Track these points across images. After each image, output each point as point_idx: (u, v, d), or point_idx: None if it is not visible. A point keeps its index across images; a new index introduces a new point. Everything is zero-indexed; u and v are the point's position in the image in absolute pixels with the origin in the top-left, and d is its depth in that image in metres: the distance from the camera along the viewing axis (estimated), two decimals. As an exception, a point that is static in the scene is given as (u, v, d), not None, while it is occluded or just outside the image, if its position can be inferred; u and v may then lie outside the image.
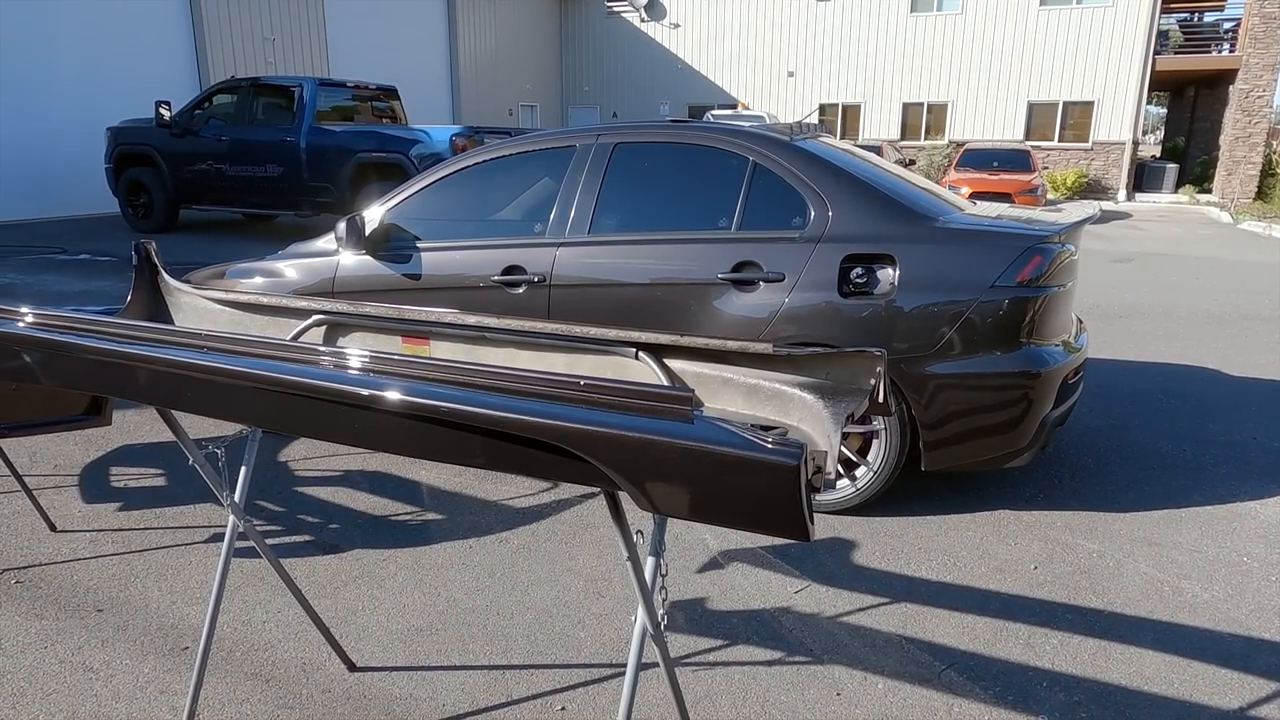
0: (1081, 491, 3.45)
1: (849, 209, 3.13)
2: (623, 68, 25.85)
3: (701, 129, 3.44)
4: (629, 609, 2.57)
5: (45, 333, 1.66)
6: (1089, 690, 2.20)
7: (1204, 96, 23.58)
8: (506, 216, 3.68)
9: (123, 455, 3.79)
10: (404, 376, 1.36)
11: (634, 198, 3.43)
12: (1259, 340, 6.18)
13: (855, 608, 2.58)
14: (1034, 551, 2.94)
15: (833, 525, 3.12)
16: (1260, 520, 3.21)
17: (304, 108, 10.41)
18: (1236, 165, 19.72)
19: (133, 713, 2.09)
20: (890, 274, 3.04)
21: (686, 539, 3.02)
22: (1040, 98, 21.57)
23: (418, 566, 2.81)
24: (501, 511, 3.24)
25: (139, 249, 3.15)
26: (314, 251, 3.91)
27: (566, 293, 3.41)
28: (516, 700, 2.15)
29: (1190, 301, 7.71)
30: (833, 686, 2.21)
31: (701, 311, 3.22)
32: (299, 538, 3.01)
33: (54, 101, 13.13)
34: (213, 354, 1.50)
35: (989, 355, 2.97)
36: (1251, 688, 2.21)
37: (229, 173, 10.81)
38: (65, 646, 2.36)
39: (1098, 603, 2.62)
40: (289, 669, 2.27)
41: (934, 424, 3.03)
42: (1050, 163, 21.63)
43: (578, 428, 1.20)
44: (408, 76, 20.09)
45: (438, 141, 9.76)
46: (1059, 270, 3.07)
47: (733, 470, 1.15)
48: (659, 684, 2.21)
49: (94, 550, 2.90)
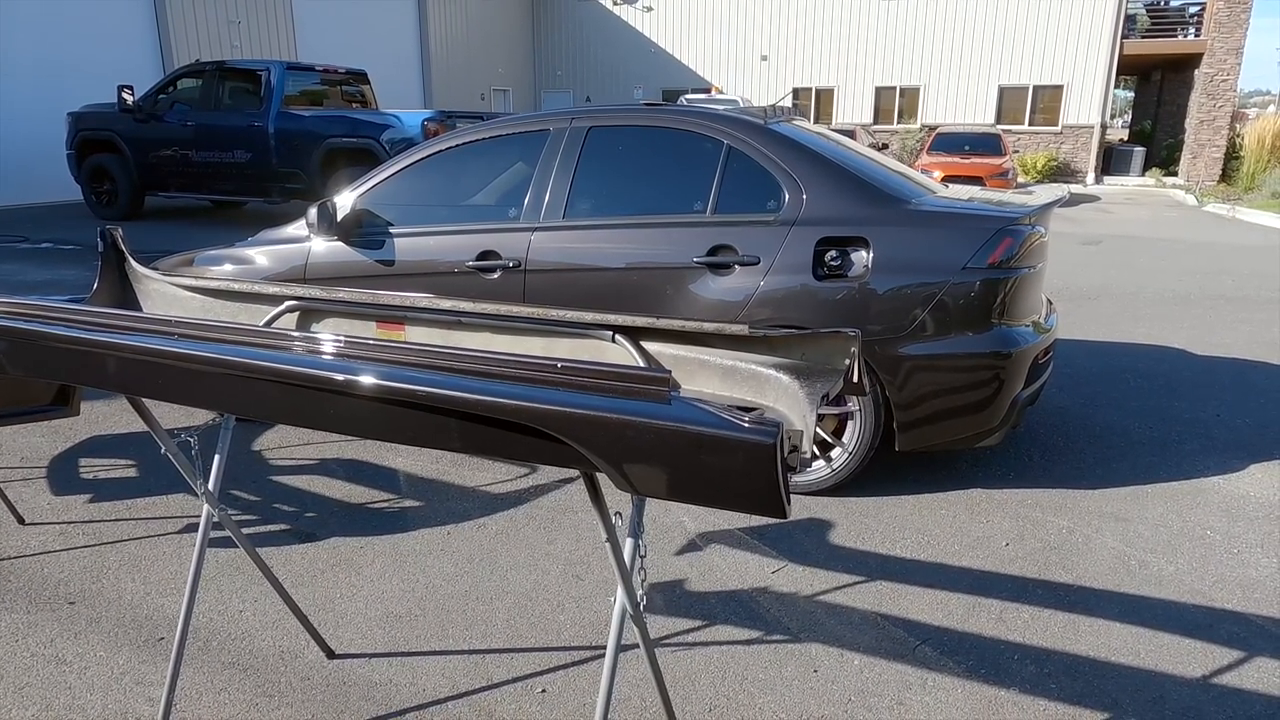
0: (1051, 469, 3.51)
1: (823, 192, 3.15)
2: (596, 52, 25.67)
3: (676, 112, 3.43)
4: (608, 591, 2.58)
5: (10, 321, 1.62)
6: (1059, 662, 2.25)
7: (1170, 80, 23.91)
8: (480, 201, 3.65)
9: (92, 446, 3.73)
10: (379, 361, 1.35)
11: (609, 182, 3.42)
12: (1223, 320, 6.32)
13: (831, 586, 2.62)
14: (1005, 528, 3.00)
15: (808, 506, 3.16)
16: (1223, 495, 3.29)
17: (272, 92, 10.23)
18: (1201, 148, 20.05)
19: (108, 704, 2.07)
20: (864, 256, 3.06)
21: (664, 521, 3.03)
22: (1011, 81, 21.76)
23: (395, 553, 2.81)
24: (479, 497, 3.23)
25: (104, 235, 3.08)
26: (285, 238, 3.85)
27: (542, 278, 3.40)
28: (497, 684, 2.15)
29: (1157, 282, 7.84)
30: (810, 664, 2.24)
31: (677, 295, 3.22)
32: (275, 526, 2.99)
33: (8, 85, 12.77)
34: (183, 340, 1.48)
35: (961, 336, 3.01)
36: (1214, 656, 2.28)
37: (196, 159, 10.61)
38: (37, 640, 2.33)
39: (1067, 577, 2.68)
40: (267, 658, 2.26)
41: (907, 405, 3.07)
42: (1021, 146, 21.85)
43: (555, 410, 1.20)
44: (378, 60, 19.78)
45: (409, 126, 9.64)
46: (1029, 252, 3.11)
47: (710, 449, 1.16)
48: (639, 664, 2.23)
49: (64, 543, 2.86)
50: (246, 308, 2.98)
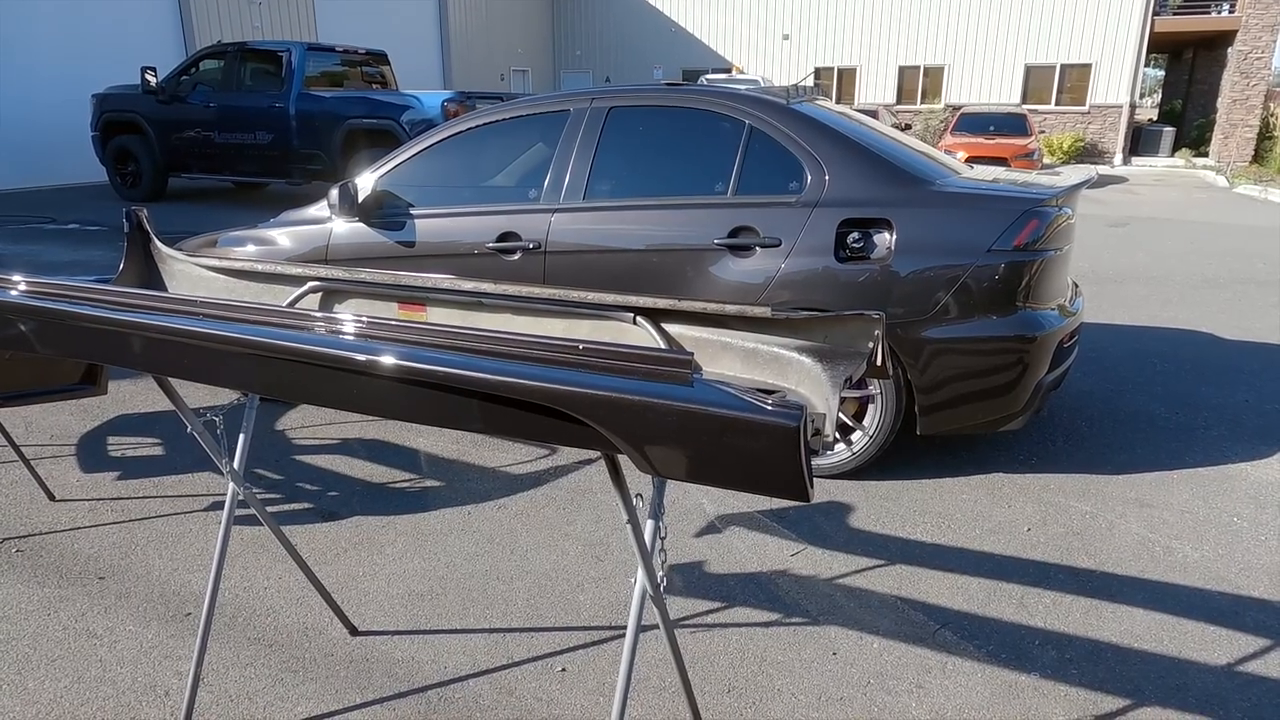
0: (1075, 454, 3.48)
1: (845, 173, 3.11)
2: (615, 31, 25.46)
3: (697, 92, 3.40)
4: (627, 572, 2.59)
5: (39, 300, 1.65)
6: (1080, 648, 2.24)
7: (1202, 58, 23.37)
8: (500, 182, 3.64)
9: (119, 425, 3.78)
10: (401, 341, 1.35)
11: (629, 162, 3.40)
12: (1253, 304, 6.20)
13: (851, 570, 2.61)
14: (1027, 513, 2.98)
15: (828, 489, 3.15)
16: (1251, 481, 3.24)
17: (293, 73, 10.25)
18: (1234, 128, 19.60)
19: (138, 677, 2.11)
20: (887, 238, 3.03)
21: (684, 504, 3.04)
22: (1037, 60, 21.35)
23: (417, 533, 2.83)
24: (500, 478, 3.25)
25: (130, 216, 3.11)
26: (307, 219, 3.87)
27: (562, 259, 3.40)
28: (518, 662, 2.17)
29: (1185, 266, 7.71)
30: (829, 646, 2.24)
31: (698, 277, 3.20)
32: (298, 505, 3.02)
33: (35, 67, 12.88)
34: (208, 320, 1.49)
35: (985, 319, 2.97)
36: (1239, 644, 2.25)
37: (218, 140, 10.66)
38: (68, 613, 2.38)
39: (1090, 563, 2.65)
40: (291, 634, 2.29)
41: (929, 388, 3.04)
42: (1047, 126, 21.47)
43: (577, 391, 1.20)
44: (397, 41, 19.75)
45: (429, 107, 9.63)
46: (1055, 234, 3.07)
47: (732, 432, 1.15)
48: (658, 645, 2.24)
49: (94, 519, 2.91)
50: (270, 288, 3.00)
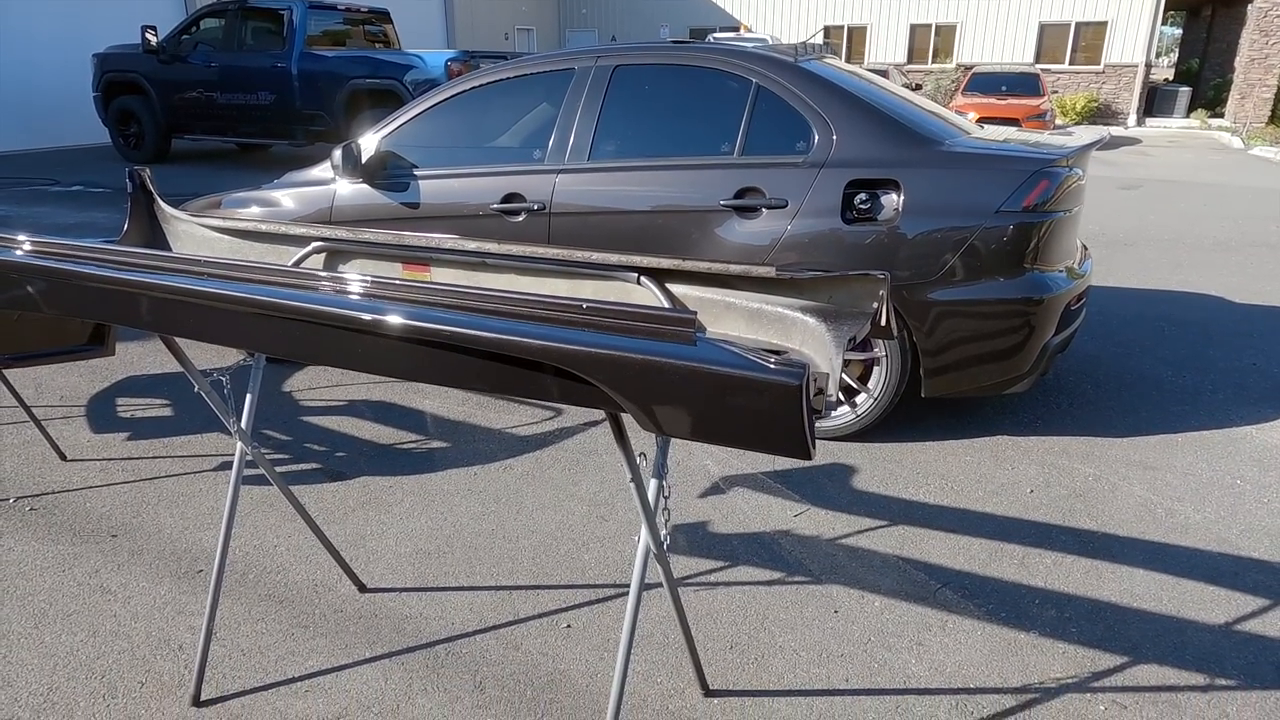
0: (1080, 417, 3.48)
1: (854, 133, 3.07)
2: (621, -12, 24.99)
3: (703, 50, 3.35)
4: (632, 532, 2.62)
5: (45, 260, 1.65)
6: (1080, 607, 2.26)
7: (1221, 16, 22.85)
8: (505, 143, 3.61)
9: (128, 386, 3.81)
10: (406, 301, 1.35)
11: (635, 122, 3.37)
12: (1265, 267, 6.14)
13: (853, 530, 2.63)
14: (1030, 475, 2.99)
15: (832, 451, 3.16)
16: (1255, 444, 3.24)
17: (294, 32, 10.11)
18: (1251, 88, 19.23)
19: (151, 632, 2.15)
20: (894, 199, 3.00)
21: (688, 465, 3.06)
22: (1051, 18, 20.91)
23: (423, 493, 2.86)
24: (505, 439, 3.27)
25: (133, 176, 3.10)
26: (310, 180, 3.85)
27: (567, 220, 3.38)
28: (523, 619, 2.21)
29: (1197, 228, 7.63)
30: (830, 604, 2.27)
31: (704, 239, 3.19)
32: (306, 465, 3.05)
33: (35, 28, 12.74)
34: (213, 280, 1.49)
35: (992, 281, 2.96)
36: (1237, 603, 2.27)
37: (220, 101, 10.57)
38: (82, 570, 2.42)
39: (1091, 524, 2.67)
40: (301, 590, 2.33)
41: (935, 350, 3.04)
42: (1060, 86, 21.11)
43: (581, 350, 1.20)
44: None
45: (432, 66, 9.51)
46: (1065, 195, 3.03)
47: (736, 390, 1.15)
48: (662, 602, 2.27)
49: (105, 478, 2.95)
50: (274, 248, 3.00)
